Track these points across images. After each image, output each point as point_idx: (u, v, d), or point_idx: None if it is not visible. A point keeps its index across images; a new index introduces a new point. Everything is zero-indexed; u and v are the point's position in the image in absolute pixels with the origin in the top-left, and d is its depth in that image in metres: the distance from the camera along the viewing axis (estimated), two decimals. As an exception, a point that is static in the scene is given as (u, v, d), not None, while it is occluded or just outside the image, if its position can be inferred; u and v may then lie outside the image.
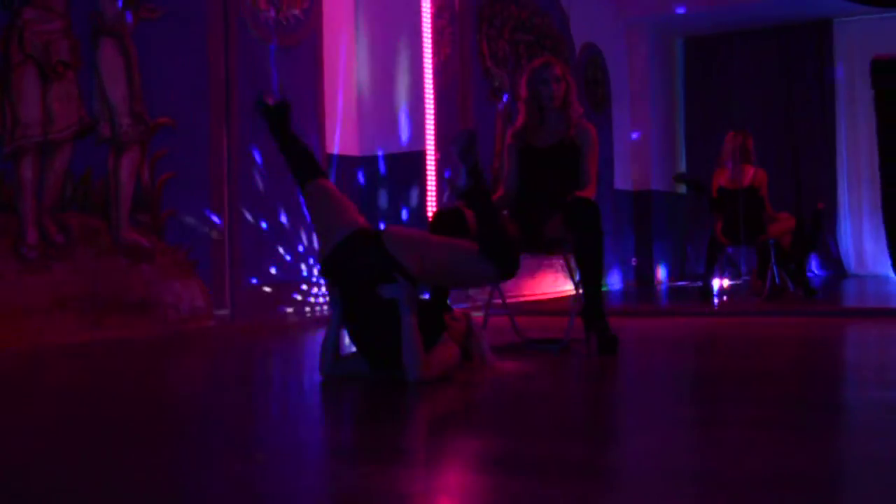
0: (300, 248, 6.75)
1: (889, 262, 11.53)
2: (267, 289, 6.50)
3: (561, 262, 4.91)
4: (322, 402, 3.41)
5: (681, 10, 11.29)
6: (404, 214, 7.34)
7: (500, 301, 5.05)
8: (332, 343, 3.69)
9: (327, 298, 6.42)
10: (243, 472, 2.22)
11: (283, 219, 6.63)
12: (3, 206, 5.02)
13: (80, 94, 5.41)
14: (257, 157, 6.45)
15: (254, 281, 6.39)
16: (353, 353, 3.80)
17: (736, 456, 2.29)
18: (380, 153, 7.44)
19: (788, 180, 11.91)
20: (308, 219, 4.06)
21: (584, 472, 2.16)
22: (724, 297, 7.87)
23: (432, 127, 7.44)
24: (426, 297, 4.03)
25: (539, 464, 2.25)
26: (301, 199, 4.05)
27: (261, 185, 6.48)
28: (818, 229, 8.17)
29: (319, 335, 3.88)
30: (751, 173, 7.87)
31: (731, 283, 8.10)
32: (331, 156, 7.12)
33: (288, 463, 2.29)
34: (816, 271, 11.77)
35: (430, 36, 7.50)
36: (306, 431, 2.86)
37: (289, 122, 4.04)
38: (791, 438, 2.48)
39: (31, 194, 5.13)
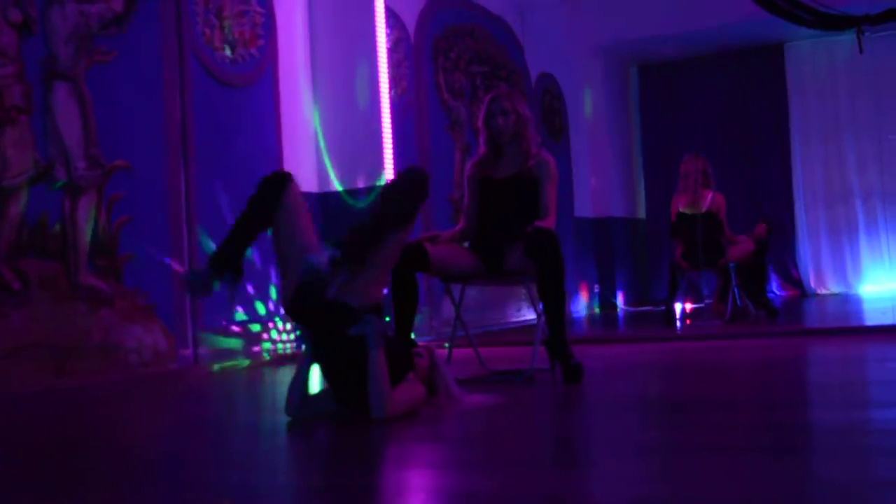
0: (265, 287, 6.71)
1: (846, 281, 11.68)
2: (234, 328, 6.45)
3: (524, 291, 4.91)
4: (289, 443, 3.38)
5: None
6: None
7: (463, 333, 5.04)
8: (301, 382, 3.67)
9: (296, 336, 6.38)
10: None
11: (246, 257, 6.57)
12: (-42, 254, 4.95)
13: (34, 139, 5.36)
14: (218, 197, 6.41)
15: (217, 322, 6.34)
16: (321, 392, 3.78)
17: (706, 481, 2.29)
18: (339, 189, 7.42)
19: (746, 203, 12.01)
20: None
21: (554, 506, 2.15)
22: (687, 321, 7.91)
23: (391, 161, 7.44)
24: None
25: (509, 497, 2.23)
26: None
27: (223, 224, 6.44)
28: (766, 246, 8.22)
29: (286, 374, 3.84)
30: (709, 198, 7.93)
31: (693, 307, 8.13)
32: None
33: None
34: (777, 291, 11.85)
35: (386, 69, 7.51)
36: (275, 474, 2.83)
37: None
38: (760, 462, 2.48)
39: (-14, 241, 5.06)
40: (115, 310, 5.70)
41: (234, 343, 6.46)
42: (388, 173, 7.37)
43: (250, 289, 6.61)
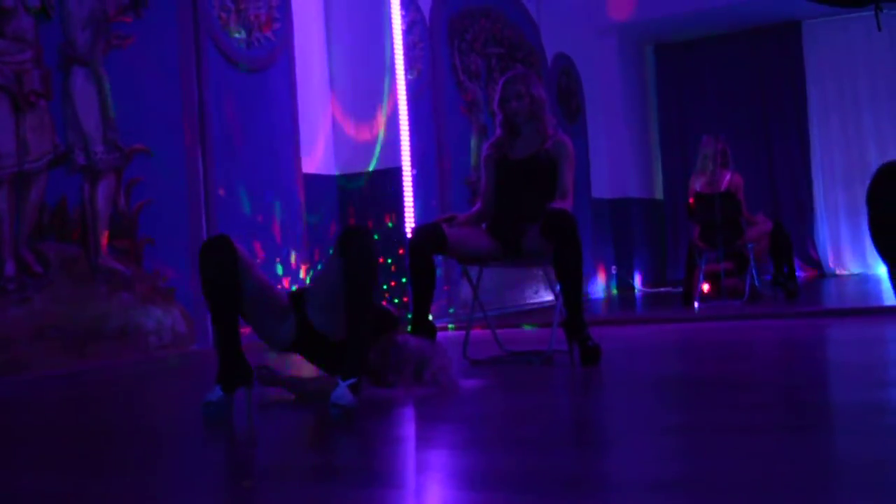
0: (281, 271, 6.73)
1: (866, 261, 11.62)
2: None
3: (541, 272, 4.91)
4: (307, 423, 3.39)
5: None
6: (379, 231, 7.31)
7: (481, 314, 5.04)
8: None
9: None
10: (233, 499, 2.20)
11: (268, 239, 6.61)
12: (-21, 238, 4.98)
13: (53, 124, 5.38)
14: (235, 180, 6.44)
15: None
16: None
17: (726, 462, 2.29)
18: (355, 171, 7.43)
19: (764, 183, 11.97)
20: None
21: (574, 484, 2.16)
22: (705, 303, 7.90)
23: (408, 143, 7.44)
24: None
25: (527, 477, 2.24)
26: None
27: (241, 206, 6.46)
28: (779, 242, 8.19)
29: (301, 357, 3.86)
30: (727, 178, 7.90)
31: (710, 287, 8.11)
32: (306, 175, 7.10)
33: (276, 487, 2.27)
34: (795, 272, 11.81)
35: (402, 51, 7.50)
36: (293, 454, 2.85)
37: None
38: (781, 442, 2.49)
39: (7, 225, 5.09)
40: (135, 292, 5.73)
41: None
42: (405, 155, 7.37)
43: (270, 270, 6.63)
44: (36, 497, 2.37)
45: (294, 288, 6.64)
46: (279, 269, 6.72)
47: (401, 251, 7.19)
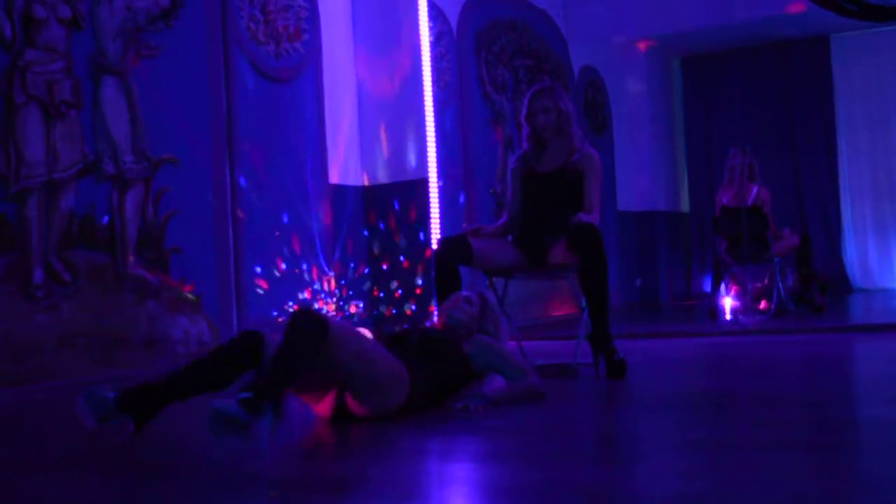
0: (309, 280, 6.75)
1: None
2: (280, 320, 6.50)
3: (567, 284, 4.91)
4: (329, 435, 3.40)
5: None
6: (405, 242, 7.33)
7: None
8: None
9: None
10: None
11: (291, 250, 6.64)
12: (10, 246, 5.03)
13: (82, 133, 5.43)
14: (263, 191, 6.47)
15: (262, 314, 6.39)
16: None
17: (751, 478, 2.28)
18: (381, 182, 7.45)
19: (791, 197, 11.90)
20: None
21: (598, 499, 2.15)
22: (731, 317, 7.85)
23: (434, 154, 7.45)
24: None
25: (553, 491, 2.24)
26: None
27: (268, 218, 6.50)
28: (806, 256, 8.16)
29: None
30: (754, 191, 7.87)
31: (736, 302, 8.07)
32: (333, 186, 7.13)
33: (301, 499, 2.28)
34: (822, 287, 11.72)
35: (429, 62, 7.52)
36: (319, 465, 2.86)
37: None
38: (807, 459, 2.47)
39: (36, 233, 5.14)
40: (162, 301, 5.77)
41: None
42: (432, 166, 7.38)
43: (292, 283, 6.66)
44: (61, 502, 2.39)
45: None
46: (305, 280, 6.74)
47: (428, 253, 7.16)
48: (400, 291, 7.25)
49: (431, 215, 7.36)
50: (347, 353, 3.26)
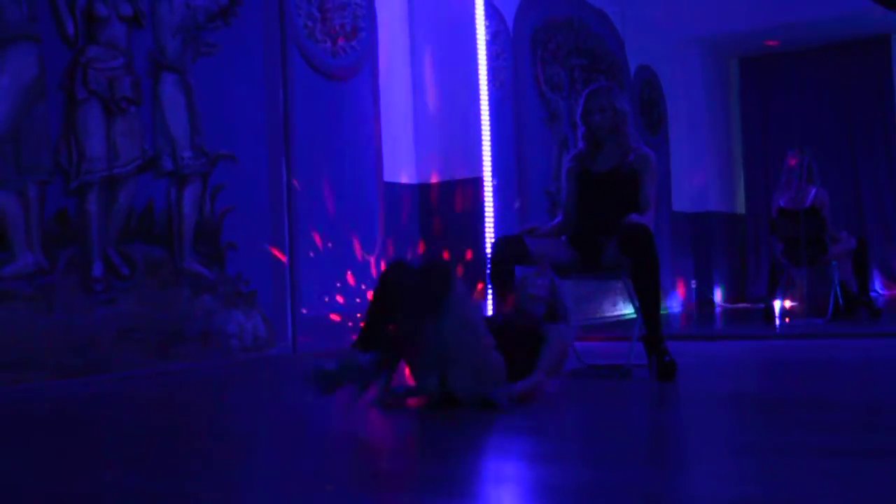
0: (364, 276, 6.79)
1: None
2: (332, 317, 6.54)
3: (621, 284, 4.89)
4: (386, 431, 3.42)
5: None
6: (459, 242, 7.33)
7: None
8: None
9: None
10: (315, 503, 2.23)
11: (347, 247, 6.67)
12: (70, 240, 5.11)
13: (142, 129, 5.50)
14: (318, 188, 6.52)
15: (316, 310, 6.43)
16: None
17: (804, 484, 2.26)
18: (437, 180, 7.47)
19: (849, 200, 11.75)
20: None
21: (654, 501, 2.15)
22: (787, 320, 7.78)
23: (489, 153, 7.45)
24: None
25: (603, 494, 2.24)
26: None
27: (323, 215, 6.54)
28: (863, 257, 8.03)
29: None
30: (812, 193, 7.79)
31: (793, 304, 7.99)
32: (387, 184, 7.16)
33: (356, 494, 2.29)
34: (880, 291, 11.58)
35: (485, 61, 7.52)
36: (377, 461, 2.87)
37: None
38: (862, 466, 2.45)
39: (96, 228, 5.22)
40: (218, 296, 5.83)
41: (335, 331, 6.53)
42: (487, 165, 7.38)
43: (346, 279, 6.69)
44: (120, 494, 2.43)
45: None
46: (358, 278, 6.77)
47: (485, 252, 7.17)
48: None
49: (486, 214, 7.36)
50: (464, 320, 3.45)
